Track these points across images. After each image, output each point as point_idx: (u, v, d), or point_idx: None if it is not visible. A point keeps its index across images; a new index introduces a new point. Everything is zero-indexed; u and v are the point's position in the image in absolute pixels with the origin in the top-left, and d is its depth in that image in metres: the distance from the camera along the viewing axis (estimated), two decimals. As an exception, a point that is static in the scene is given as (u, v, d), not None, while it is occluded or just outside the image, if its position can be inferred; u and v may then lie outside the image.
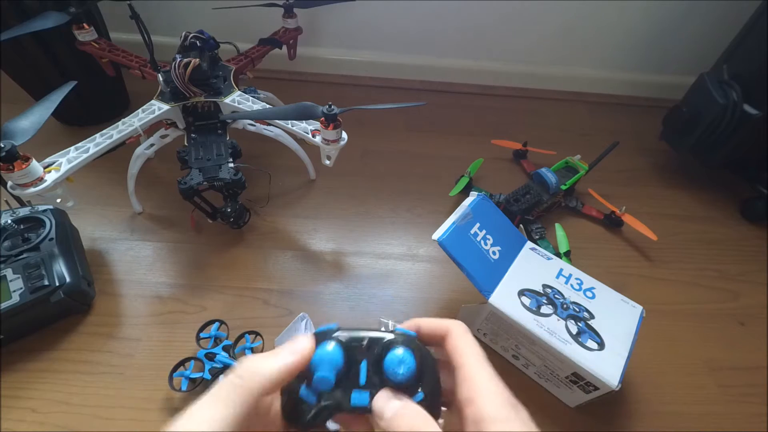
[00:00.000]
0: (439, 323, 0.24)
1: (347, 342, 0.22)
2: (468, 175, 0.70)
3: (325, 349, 0.22)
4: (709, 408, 0.49)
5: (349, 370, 0.22)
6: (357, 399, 0.21)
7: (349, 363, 0.22)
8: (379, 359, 0.22)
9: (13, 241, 0.49)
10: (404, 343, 0.22)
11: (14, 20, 0.59)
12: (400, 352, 0.21)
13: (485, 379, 0.21)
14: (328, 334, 0.23)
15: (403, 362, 0.21)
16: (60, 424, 0.43)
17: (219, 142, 0.56)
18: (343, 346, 0.22)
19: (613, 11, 0.84)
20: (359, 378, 0.22)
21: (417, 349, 0.22)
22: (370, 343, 0.22)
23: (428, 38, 0.89)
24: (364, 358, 0.22)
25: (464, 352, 0.22)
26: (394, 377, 0.21)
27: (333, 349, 0.22)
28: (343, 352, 0.22)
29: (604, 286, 0.48)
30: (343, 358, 0.22)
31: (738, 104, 0.64)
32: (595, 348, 0.42)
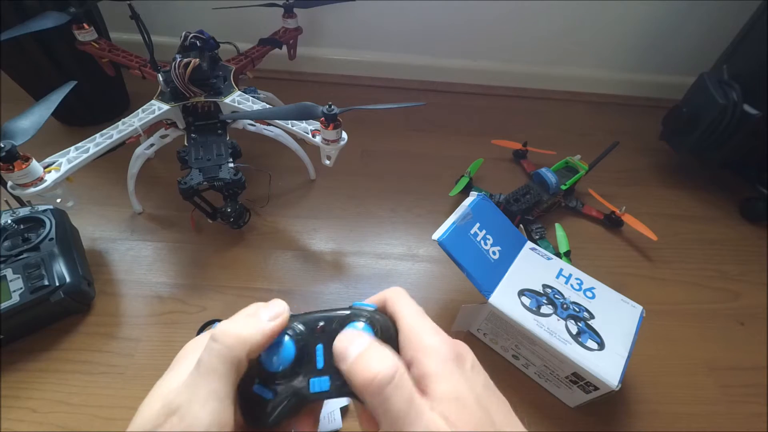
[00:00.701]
0: (379, 295, 0.23)
1: (299, 329, 0.21)
2: (468, 175, 0.70)
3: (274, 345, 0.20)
4: (709, 408, 0.49)
5: (304, 357, 0.20)
6: (317, 385, 0.20)
7: (303, 351, 0.20)
8: (333, 337, 0.20)
9: (13, 241, 0.49)
10: (362, 316, 0.21)
11: (14, 20, 0.59)
12: (359, 325, 0.20)
13: (425, 335, 0.20)
14: None
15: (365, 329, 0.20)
16: (60, 424, 0.43)
17: (219, 142, 0.56)
18: (294, 334, 0.21)
19: (613, 11, 0.84)
20: (316, 363, 0.20)
21: (376, 321, 0.21)
22: (325, 324, 0.21)
23: (428, 38, 0.89)
24: (319, 342, 0.21)
25: (403, 314, 0.21)
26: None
27: (284, 345, 0.20)
28: (294, 345, 0.20)
29: (604, 286, 0.48)
30: (293, 346, 0.20)
31: (738, 104, 0.64)
32: (595, 348, 0.42)
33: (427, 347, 0.19)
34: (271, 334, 0.20)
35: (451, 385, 0.18)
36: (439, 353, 0.19)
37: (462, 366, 0.19)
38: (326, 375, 0.20)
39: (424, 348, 0.19)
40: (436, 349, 0.19)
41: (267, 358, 0.20)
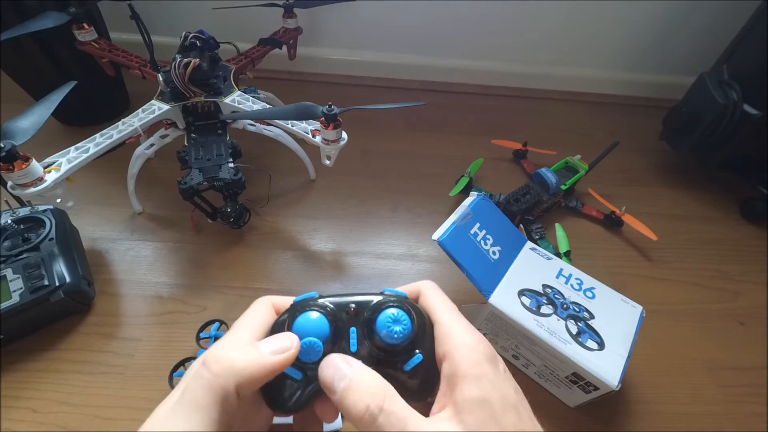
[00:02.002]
0: (410, 286, 0.23)
1: (332, 309, 0.20)
2: (468, 175, 0.70)
3: (308, 318, 0.19)
4: (709, 408, 0.49)
5: (336, 339, 0.20)
6: None
7: (336, 332, 0.20)
8: (369, 323, 0.20)
9: (13, 241, 0.49)
10: (396, 302, 0.20)
11: (14, 20, 0.59)
12: (394, 311, 0.19)
13: (460, 333, 0.20)
14: (308, 302, 0.20)
15: (398, 321, 0.19)
16: (60, 424, 0.43)
17: (219, 142, 0.56)
18: (327, 313, 0.20)
19: (612, 11, 0.84)
20: (349, 345, 0.20)
21: (411, 308, 0.20)
22: (358, 307, 0.20)
23: (428, 38, 0.89)
24: (352, 325, 0.20)
25: (437, 309, 0.21)
26: (389, 339, 0.19)
27: (317, 318, 0.19)
28: (328, 321, 0.19)
29: (604, 286, 0.48)
30: (329, 326, 0.19)
31: (738, 104, 0.64)
32: (595, 348, 0.42)
33: (462, 345, 0.19)
34: (272, 370, 0.18)
35: (482, 389, 0.18)
36: (474, 352, 0.19)
37: (496, 367, 0.19)
38: (358, 358, 0.19)
39: (459, 345, 0.19)
40: (472, 348, 0.19)
41: (299, 327, 0.19)
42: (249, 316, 0.21)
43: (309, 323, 0.19)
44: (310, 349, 0.18)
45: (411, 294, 0.23)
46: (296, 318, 0.19)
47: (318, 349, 0.19)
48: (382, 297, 0.21)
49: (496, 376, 0.18)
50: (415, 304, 0.21)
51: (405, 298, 0.21)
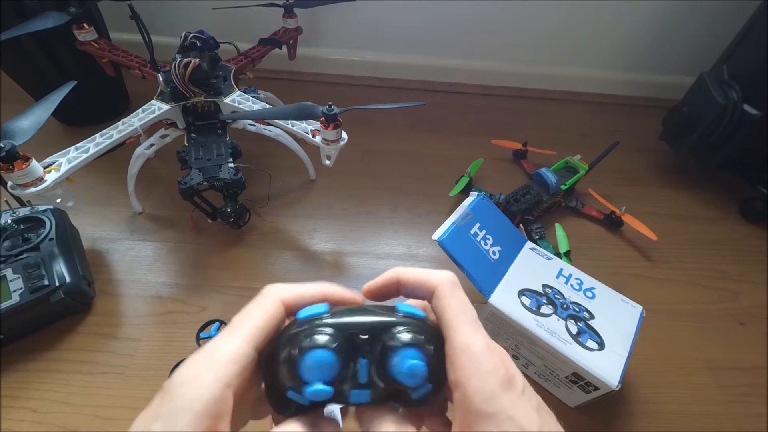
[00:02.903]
0: (424, 279, 0.20)
1: (341, 336, 0.18)
2: (468, 175, 0.70)
3: (316, 355, 0.18)
4: (709, 408, 0.49)
5: (346, 372, 0.18)
6: (356, 397, 0.19)
7: (346, 359, 0.18)
8: (383, 360, 0.18)
9: (13, 241, 0.49)
10: (413, 341, 0.18)
11: (14, 20, 0.59)
12: (411, 363, 0.18)
13: (474, 357, 0.17)
14: (315, 324, 0.18)
15: (414, 373, 0.18)
16: (60, 424, 0.43)
17: (219, 142, 0.56)
18: (337, 347, 0.18)
19: (612, 11, 0.84)
20: (358, 377, 0.18)
21: (427, 343, 0.18)
22: (370, 336, 0.18)
23: (428, 38, 0.89)
24: (364, 357, 0.18)
25: (453, 322, 0.18)
26: (404, 382, 0.18)
27: (326, 356, 0.18)
28: (337, 357, 0.18)
29: (604, 286, 0.48)
30: (338, 363, 0.18)
31: (738, 104, 0.64)
32: (595, 348, 0.42)
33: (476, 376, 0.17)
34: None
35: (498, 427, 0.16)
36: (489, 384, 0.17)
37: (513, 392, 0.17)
38: (368, 388, 0.19)
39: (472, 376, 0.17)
40: (486, 378, 0.17)
41: (306, 371, 0.18)
42: (250, 314, 0.19)
43: (317, 364, 0.18)
44: (319, 394, 0.18)
45: (424, 287, 0.20)
46: (302, 356, 0.18)
47: (327, 392, 0.18)
48: (395, 325, 0.19)
49: (514, 406, 0.17)
50: (433, 331, 0.19)
51: (422, 323, 0.19)
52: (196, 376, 0.16)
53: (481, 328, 0.19)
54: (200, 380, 0.16)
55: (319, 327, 0.18)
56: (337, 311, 0.19)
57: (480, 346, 0.18)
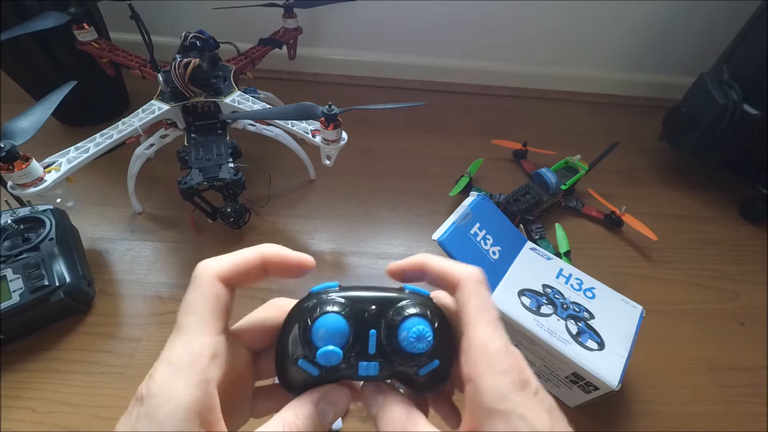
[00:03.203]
0: (450, 271, 0.20)
1: (352, 307, 0.19)
2: (468, 175, 0.70)
3: (329, 319, 0.18)
4: (709, 408, 0.49)
5: (356, 341, 0.19)
6: (365, 369, 0.19)
7: (356, 334, 0.19)
8: (390, 330, 0.19)
9: (13, 241, 0.49)
10: (420, 312, 0.19)
11: (14, 20, 0.59)
12: (419, 328, 0.18)
13: (491, 355, 0.17)
14: (327, 296, 0.19)
15: (422, 338, 0.18)
16: (60, 424, 0.43)
17: (219, 142, 0.56)
18: (347, 315, 0.19)
19: (612, 11, 0.84)
20: (368, 347, 0.19)
21: (434, 317, 0.19)
22: (379, 308, 0.19)
23: (428, 38, 0.89)
24: (372, 328, 0.19)
25: (472, 319, 0.19)
26: (409, 350, 0.19)
27: (338, 323, 0.18)
28: (348, 324, 0.19)
29: (604, 286, 0.48)
30: (349, 329, 0.19)
31: (738, 104, 0.64)
32: (595, 348, 0.42)
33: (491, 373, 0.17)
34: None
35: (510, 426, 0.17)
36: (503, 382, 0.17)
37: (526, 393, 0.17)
38: (376, 360, 0.19)
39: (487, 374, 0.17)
40: (500, 376, 0.17)
41: (318, 337, 0.18)
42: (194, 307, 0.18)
43: (329, 329, 0.18)
44: (330, 356, 0.18)
45: (448, 279, 0.20)
46: (315, 321, 0.19)
47: (338, 356, 0.18)
48: (403, 299, 0.20)
49: (526, 406, 0.17)
50: (439, 310, 0.20)
51: (428, 301, 0.20)
52: (170, 384, 0.16)
53: (501, 329, 0.19)
54: (176, 387, 0.16)
55: (331, 297, 0.19)
56: (347, 287, 0.20)
57: (497, 346, 0.18)
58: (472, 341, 0.18)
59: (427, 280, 0.21)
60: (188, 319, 0.18)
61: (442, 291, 0.21)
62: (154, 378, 0.16)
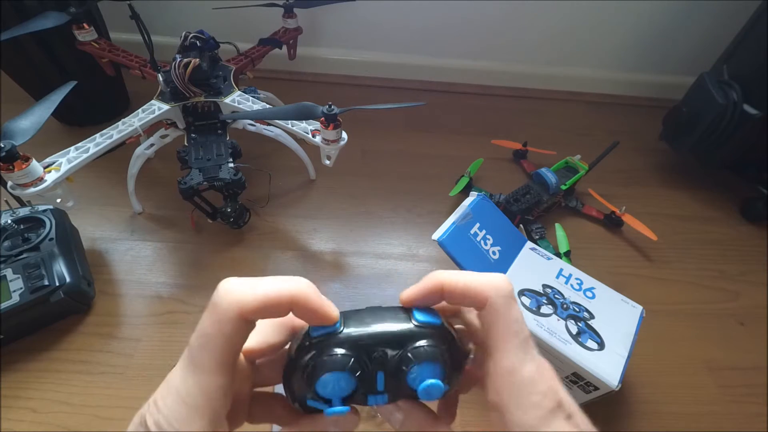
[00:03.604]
0: (475, 289, 0.18)
1: (357, 356, 0.18)
2: (468, 175, 0.70)
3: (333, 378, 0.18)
4: (709, 408, 0.49)
5: (363, 378, 0.18)
6: (374, 400, 0.19)
7: (363, 373, 0.18)
8: (399, 374, 0.18)
9: (13, 241, 0.49)
10: (431, 356, 0.18)
11: (14, 20, 0.59)
12: (429, 381, 0.17)
13: (523, 383, 0.16)
14: (330, 343, 0.18)
15: (431, 392, 0.17)
16: (60, 424, 0.43)
17: (219, 142, 0.56)
18: (353, 367, 0.18)
19: (613, 11, 0.84)
20: (375, 385, 0.18)
21: (444, 354, 0.18)
22: (386, 350, 0.18)
23: (428, 38, 0.89)
24: (379, 369, 0.18)
25: (502, 343, 0.17)
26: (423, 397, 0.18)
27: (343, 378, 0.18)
28: (354, 377, 0.18)
29: (604, 286, 0.48)
30: (355, 381, 0.18)
31: (738, 104, 0.64)
32: (595, 348, 0.42)
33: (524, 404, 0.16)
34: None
35: None
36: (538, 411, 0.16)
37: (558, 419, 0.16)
38: (385, 393, 0.19)
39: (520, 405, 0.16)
40: (534, 407, 0.16)
41: (323, 390, 0.18)
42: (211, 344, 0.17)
43: (335, 385, 0.18)
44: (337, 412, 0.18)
45: (475, 300, 0.18)
46: (319, 379, 0.18)
47: (346, 410, 0.18)
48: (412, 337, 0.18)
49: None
50: (450, 336, 0.19)
51: (439, 331, 0.19)
52: (181, 426, 0.16)
53: (532, 349, 0.17)
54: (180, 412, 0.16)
55: (333, 346, 0.18)
56: (350, 320, 0.19)
57: (527, 373, 0.17)
58: (500, 368, 0.17)
59: (448, 301, 0.19)
60: (204, 355, 0.17)
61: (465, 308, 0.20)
62: (164, 413, 0.16)
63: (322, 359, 0.18)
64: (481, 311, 0.18)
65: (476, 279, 0.18)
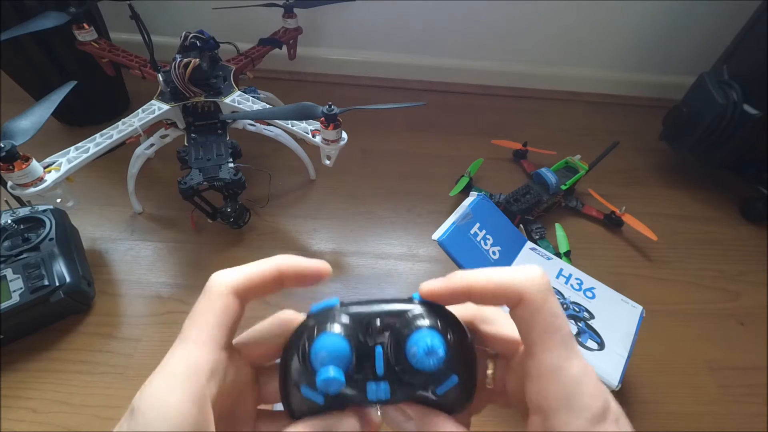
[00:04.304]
0: (509, 286, 0.16)
1: (355, 325, 0.18)
2: (468, 175, 0.70)
3: (327, 340, 0.17)
4: (709, 408, 0.49)
5: (360, 361, 0.17)
6: (375, 392, 0.17)
7: (360, 354, 0.17)
8: (397, 344, 0.17)
9: (13, 241, 0.49)
10: (430, 322, 0.17)
11: (14, 20, 0.59)
12: (427, 341, 0.16)
13: (567, 384, 0.15)
14: (327, 314, 0.18)
15: (432, 352, 0.16)
16: (60, 424, 0.43)
17: (219, 142, 0.56)
18: (349, 331, 0.17)
19: (613, 11, 0.84)
20: (375, 367, 0.17)
21: (446, 327, 0.17)
22: (384, 322, 0.18)
23: (428, 38, 0.89)
24: (378, 343, 0.17)
25: (541, 340, 0.16)
26: (421, 367, 0.17)
27: (337, 341, 0.17)
28: (350, 343, 0.17)
29: (604, 286, 0.48)
30: (351, 349, 0.17)
31: (738, 104, 0.64)
32: (595, 348, 0.42)
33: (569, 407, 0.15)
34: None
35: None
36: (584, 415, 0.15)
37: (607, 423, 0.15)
38: (386, 380, 0.17)
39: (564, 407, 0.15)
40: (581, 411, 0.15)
41: (318, 360, 0.17)
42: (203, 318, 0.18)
43: (329, 351, 0.16)
44: (331, 383, 0.16)
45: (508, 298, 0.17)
46: (313, 344, 0.17)
47: (339, 382, 0.16)
48: (410, 309, 0.18)
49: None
50: (454, 318, 0.18)
51: (439, 309, 0.18)
52: (164, 398, 0.15)
53: (575, 347, 0.16)
54: (169, 401, 0.15)
55: (330, 316, 0.18)
56: (349, 303, 0.19)
57: (574, 373, 0.15)
58: (543, 367, 0.16)
59: (475, 302, 0.18)
60: (192, 330, 0.17)
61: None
62: (148, 390, 0.15)
63: (319, 326, 0.17)
64: (516, 309, 0.16)
65: (509, 274, 0.17)
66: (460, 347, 0.18)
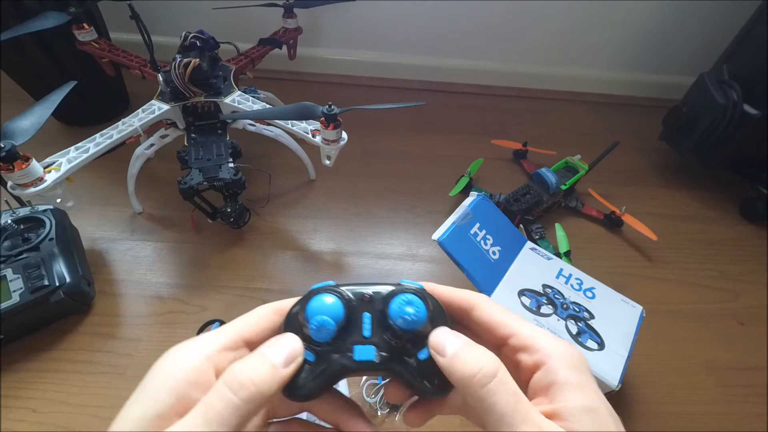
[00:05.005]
0: (460, 295, 0.20)
1: (347, 295, 0.20)
2: (468, 175, 0.70)
3: (321, 300, 0.19)
4: (709, 408, 0.49)
5: (350, 323, 0.19)
6: (362, 353, 0.19)
7: (350, 316, 0.19)
8: (383, 308, 0.19)
9: (13, 241, 0.49)
10: (412, 290, 0.20)
11: (14, 20, 0.59)
12: (408, 296, 0.19)
13: (548, 341, 0.18)
14: (324, 288, 0.20)
15: (411, 304, 0.19)
16: (60, 424, 0.43)
17: (219, 142, 0.56)
18: (342, 298, 0.19)
19: (613, 12, 0.84)
20: (362, 330, 0.20)
21: (426, 296, 0.20)
22: (373, 296, 0.20)
23: (428, 38, 0.89)
24: (366, 311, 0.20)
25: (508, 320, 0.19)
26: (402, 322, 0.19)
27: (331, 301, 0.19)
28: (342, 304, 0.19)
29: (604, 286, 0.48)
30: (343, 309, 0.19)
31: (738, 104, 0.64)
32: (595, 348, 0.42)
33: (557, 354, 0.18)
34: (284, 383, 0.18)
35: (587, 397, 0.17)
36: (570, 359, 0.18)
37: (590, 374, 0.18)
38: (371, 344, 0.19)
39: (553, 354, 0.18)
40: (567, 355, 0.18)
41: (312, 312, 0.19)
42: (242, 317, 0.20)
43: (322, 305, 0.19)
44: (322, 327, 0.18)
45: (458, 303, 0.21)
46: (310, 300, 0.19)
47: (330, 328, 0.18)
48: (398, 287, 0.20)
49: (595, 383, 0.18)
50: (433, 297, 0.20)
51: (421, 288, 0.20)
52: (178, 350, 0.18)
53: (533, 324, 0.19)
54: (181, 351, 0.18)
55: (326, 288, 0.20)
56: (344, 284, 0.21)
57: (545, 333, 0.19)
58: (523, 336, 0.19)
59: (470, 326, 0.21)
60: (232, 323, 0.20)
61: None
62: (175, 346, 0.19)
63: (315, 293, 0.20)
64: (474, 314, 0.20)
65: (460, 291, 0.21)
66: (440, 316, 0.20)
